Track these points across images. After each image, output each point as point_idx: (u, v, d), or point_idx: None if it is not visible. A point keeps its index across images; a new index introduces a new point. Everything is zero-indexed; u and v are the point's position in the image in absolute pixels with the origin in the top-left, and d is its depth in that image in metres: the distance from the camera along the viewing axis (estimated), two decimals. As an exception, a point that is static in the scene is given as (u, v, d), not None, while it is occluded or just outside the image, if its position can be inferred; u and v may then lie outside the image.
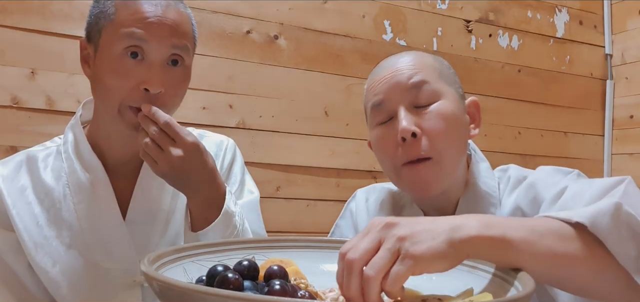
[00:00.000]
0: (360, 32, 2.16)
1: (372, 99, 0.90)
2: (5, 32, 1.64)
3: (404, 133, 0.83)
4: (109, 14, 0.86)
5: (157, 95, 0.85)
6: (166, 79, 0.86)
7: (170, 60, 0.87)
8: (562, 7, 2.56)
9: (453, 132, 0.86)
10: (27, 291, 0.91)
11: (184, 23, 0.89)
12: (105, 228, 0.91)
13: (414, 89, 0.85)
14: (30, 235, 0.89)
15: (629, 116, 2.54)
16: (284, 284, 0.55)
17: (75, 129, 0.95)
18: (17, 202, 0.90)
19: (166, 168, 0.82)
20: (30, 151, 0.97)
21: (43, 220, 0.90)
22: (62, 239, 0.90)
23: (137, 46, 0.84)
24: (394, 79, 0.87)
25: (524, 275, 0.58)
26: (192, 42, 0.91)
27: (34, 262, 0.89)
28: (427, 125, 0.84)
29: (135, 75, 0.84)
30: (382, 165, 0.92)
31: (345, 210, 1.10)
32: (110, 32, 0.85)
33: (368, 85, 0.93)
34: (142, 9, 0.85)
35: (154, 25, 0.84)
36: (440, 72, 0.89)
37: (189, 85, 0.93)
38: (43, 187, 0.92)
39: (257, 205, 1.05)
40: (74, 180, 0.92)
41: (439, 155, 0.84)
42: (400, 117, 0.84)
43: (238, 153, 1.09)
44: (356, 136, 2.13)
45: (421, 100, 0.85)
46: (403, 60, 0.89)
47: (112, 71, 0.85)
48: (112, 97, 0.86)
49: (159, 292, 0.52)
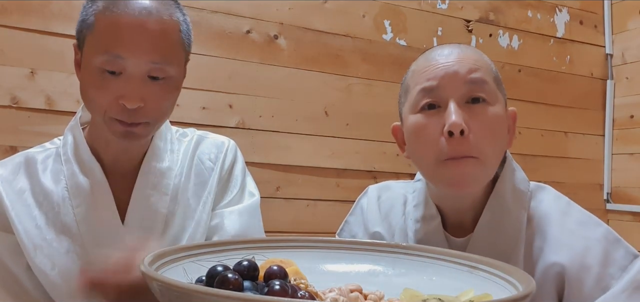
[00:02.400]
0: (360, 32, 2.15)
1: (423, 82, 0.83)
2: (4, 32, 1.64)
3: (454, 127, 0.78)
4: (89, 24, 0.84)
5: (136, 110, 0.83)
6: (146, 93, 0.83)
7: (150, 74, 0.84)
8: (562, 7, 2.55)
9: (499, 137, 0.83)
10: (26, 293, 0.90)
11: (167, 34, 0.85)
12: (104, 232, 0.91)
13: (471, 84, 0.81)
14: (30, 237, 0.89)
15: (629, 116, 2.54)
16: (284, 284, 0.54)
17: (74, 131, 0.95)
18: (16, 204, 0.90)
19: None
20: (29, 152, 0.96)
21: (42, 222, 0.90)
22: (61, 242, 0.90)
23: (113, 62, 0.82)
24: (453, 68, 0.82)
25: (524, 275, 0.58)
26: (179, 50, 0.87)
27: (34, 264, 0.89)
28: (477, 125, 0.80)
29: (114, 90, 0.82)
30: (416, 153, 0.86)
31: (355, 206, 1.08)
32: (90, 44, 0.84)
33: (419, 66, 0.87)
34: (120, 21, 0.81)
35: (131, 41, 0.81)
36: (495, 75, 0.86)
37: (178, 94, 0.90)
38: (42, 190, 0.91)
39: (257, 209, 1.04)
40: (73, 183, 0.91)
41: (485, 156, 0.81)
42: (451, 110, 0.79)
43: (239, 155, 1.07)
44: (356, 136, 2.12)
45: (475, 98, 0.81)
46: (465, 52, 0.85)
47: (91, 85, 0.84)
48: (96, 108, 0.86)
49: (159, 293, 0.52)
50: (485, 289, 0.61)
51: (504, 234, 0.85)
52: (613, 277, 0.78)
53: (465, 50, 0.86)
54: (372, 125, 2.15)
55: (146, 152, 0.94)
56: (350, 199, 2.09)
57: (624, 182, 2.56)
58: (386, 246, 0.77)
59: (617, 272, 0.79)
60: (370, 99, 2.16)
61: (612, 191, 2.59)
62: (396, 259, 0.74)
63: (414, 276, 0.70)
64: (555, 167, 2.45)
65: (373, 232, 0.98)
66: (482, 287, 0.62)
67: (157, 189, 0.94)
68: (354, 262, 0.75)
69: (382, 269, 0.73)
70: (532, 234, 0.85)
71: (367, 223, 1.01)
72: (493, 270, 0.64)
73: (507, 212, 0.85)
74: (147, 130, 0.88)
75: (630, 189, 2.53)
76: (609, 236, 0.82)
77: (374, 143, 2.15)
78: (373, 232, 0.98)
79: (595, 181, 2.59)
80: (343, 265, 0.74)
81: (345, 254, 0.76)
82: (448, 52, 0.85)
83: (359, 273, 0.73)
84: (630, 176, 2.52)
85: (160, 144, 0.96)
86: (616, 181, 2.59)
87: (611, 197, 2.59)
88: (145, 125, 0.86)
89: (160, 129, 0.96)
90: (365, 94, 2.15)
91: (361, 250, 0.77)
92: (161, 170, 0.95)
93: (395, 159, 2.17)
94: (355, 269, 0.73)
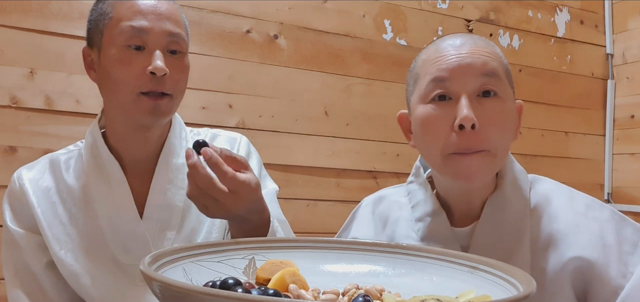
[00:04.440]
0: (360, 32, 2.15)
1: (435, 72, 0.82)
2: (4, 31, 1.64)
3: (465, 121, 0.77)
4: (107, 14, 0.91)
5: (163, 79, 0.90)
6: (168, 64, 0.90)
7: (168, 48, 0.92)
8: (563, 7, 2.55)
9: (509, 131, 0.83)
10: (43, 293, 0.95)
11: (176, 13, 0.95)
12: (123, 226, 0.95)
13: (484, 77, 0.80)
14: (54, 233, 0.94)
15: (630, 116, 2.54)
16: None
17: (94, 132, 1.00)
18: (41, 201, 0.95)
19: (218, 213, 0.81)
20: (53, 154, 1.02)
21: (66, 219, 0.95)
22: (84, 237, 0.95)
23: (137, 37, 0.89)
24: (466, 59, 0.80)
25: (524, 275, 0.58)
26: (185, 30, 0.96)
27: (57, 259, 0.93)
28: (488, 119, 0.79)
29: (140, 63, 0.89)
30: (424, 144, 0.86)
31: (351, 220, 1.06)
32: (110, 30, 0.90)
33: (430, 55, 0.85)
34: (137, 2, 0.91)
35: (150, 15, 0.90)
36: (506, 68, 0.85)
37: (188, 76, 0.96)
38: (65, 188, 0.97)
39: (275, 195, 1.10)
40: (93, 180, 0.97)
41: (495, 149, 0.80)
42: (463, 104, 0.78)
43: (253, 149, 1.12)
44: (356, 136, 2.12)
45: (487, 91, 0.80)
46: (478, 43, 0.83)
47: (118, 63, 0.89)
48: (123, 88, 0.90)
49: (159, 293, 0.51)
50: (486, 289, 0.61)
51: (509, 219, 0.85)
52: (629, 253, 0.79)
53: (477, 41, 0.84)
54: (372, 125, 2.15)
55: (162, 149, 0.99)
56: (350, 199, 2.10)
57: (625, 182, 2.55)
58: (386, 246, 0.77)
59: (630, 249, 0.80)
60: (370, 99, 2.15)
61: (613, 191, 2.59)
62: (396, 259, 0.73)
63: (414, 276, 0.70)
64: (556, 167, 2.45)
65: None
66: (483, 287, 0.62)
67: (174, 184, 0.99)
68: (354, 263, 0.74)
69: (382, 269, 0.73)
70: (538, 218, 0.85)
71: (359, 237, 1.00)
72: (493, 270, 0.64)
73: (510, 198, 0.86)
74: (171, 106, 0.93)
75: (630, 189, 2.53)
76: (615, 215, 0.84)
77: (374, 143, 2.15)
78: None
79: (596, 181, 2.59)
80: (343, 265, 0.74)
81: (345, 254, 0.76)
82: (460, 43, 0.83)
83: (359, 273, 0.72)
84: (631, 176, 2.52)
85: (176, 141, 1.01)
86: (617, 181, 2.58)
87: (612, 197, 2.59)
88: (169, 100, 0.92)
89: (175, 127, 1.02)
90: (365, 94, 2.15)
91: (361, 250, 0.76)
92: (177, 165, 0.99)
93: (395, 159, 2.17)
94: (355, 270, 0.73)
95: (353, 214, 1.07)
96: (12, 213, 0.96)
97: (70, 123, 1.70)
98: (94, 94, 1.66)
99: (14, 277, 0.95)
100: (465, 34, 0.88)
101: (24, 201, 0.95)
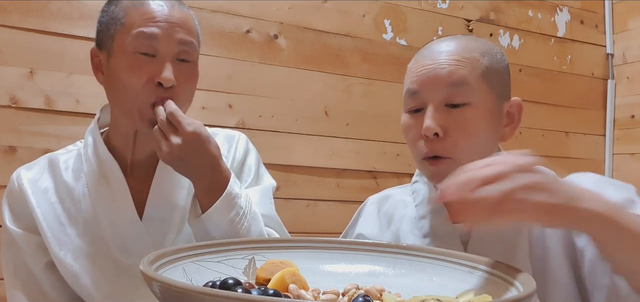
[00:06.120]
0: (360, 32, 2.15)
1: (408, 84, 0.90)
2: (3, 31, 1.64)
3: (427, 131, 0.84)
4: (119, 19, 0.91)
5: (170, 89, 0.89)
6: (177, 73, 0.90)
7: (179, 57, 0.91)
8: (563, 7, 2.55)
9: (479, 137, 0.85)
10: (43, 294, 0.95)
11: (188, 21, 0.94)
12: (123, 226, 0.95)
13: (449, 88, 0.85)
14: (54, 233, 0.94)
15: (630, 116, 2.54)
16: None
17: (93, 132, 1.00)
18: (41, 202, 0.95)
19: (167, 155, 0.86)
20: (52, 154, 1.02)
21: (65, 219, 0.95)
22: (83, 237, 0.95)
23: (148, 44, 0.89)
24: (433, 72, 0.86)
25: (524, 275, 0.58)
26: (196, 38, 0.96)
27: (57, 259, 0.93)
28: (453, 127, 0.84)
29: (149, 71, 0.89)
30: (409, 147, 0.93)
31: (356, 218, 1.09)
32: (122, 35, 0.90)
33: (411, 66, 0.92)
34: (150, 9, 0.90)
35: (162, 23, 0.90)
36: (485, 69, 0.87)
37: (196, 84, 0.96)
38: (64, 188, 0.97)
39: (270, 191, 1.09)
40: (92, 180, 0.96)
41: (460, 156, 0.83)
42: (427, 115, 0.85)
43: (251, 147, 1.12)
44: (356, 136, 2.12)
45: (455, 100, 0.85)
46: (448, 49, 0.88)
47: (127, 69, 0.89)
48: (129, 94, 0.90)
49: (159, 293, 0.51)
50: (486, 289, 0.61)
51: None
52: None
53: (450, 46, 0.88)
54: (372, 125, 2.15)
55: None
56: (350, 199, 2.10)
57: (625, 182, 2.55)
58: (386, 246, 0.77)
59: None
60: (370, 99, 2.15)
61: (613, 191, 2.59)
62: (396, 259, 0.74)
63: (414, 276, 0.70)
64: (556, 167, 2.42)
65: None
66: (483, 287, 0.62)
67: (174, 183, 0.99)
68: (354, 263, 0.74)
69: (382, 269, 0.73)
70: None
71: (367, 237, 1.01)
72: (493, 270, 0.64)
73: None
74: None
75: (630, 189, 2.52)
76: (596, 178, 0.90)
77: (374, 143, 2.15)
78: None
79: (596, 180, 2.58)
80: (343, 265, 0.74)
81: (345, 255, 0.76)
82: (436, 51, 0.89)
83: (359, 273, 0.72)
84: (631, 176, 2.52)
85: None
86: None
87: (612, 197, 2.58)
88: None
89: None
90: (365, 94, 2.15)
91: (361, 250, 0.76)
92: None
93: (395, 159, 2.17)
94: (355, 270, 0.73)
95: (359, 211, 1.10)
96: (12, 213, 0.96)
97: (70, 123, 1.70)
98: (93, 93, 1.67)
99: (13, 278, 0.95)
100: (449, 37, 0.92)
101: (23, 201, 0.95)
